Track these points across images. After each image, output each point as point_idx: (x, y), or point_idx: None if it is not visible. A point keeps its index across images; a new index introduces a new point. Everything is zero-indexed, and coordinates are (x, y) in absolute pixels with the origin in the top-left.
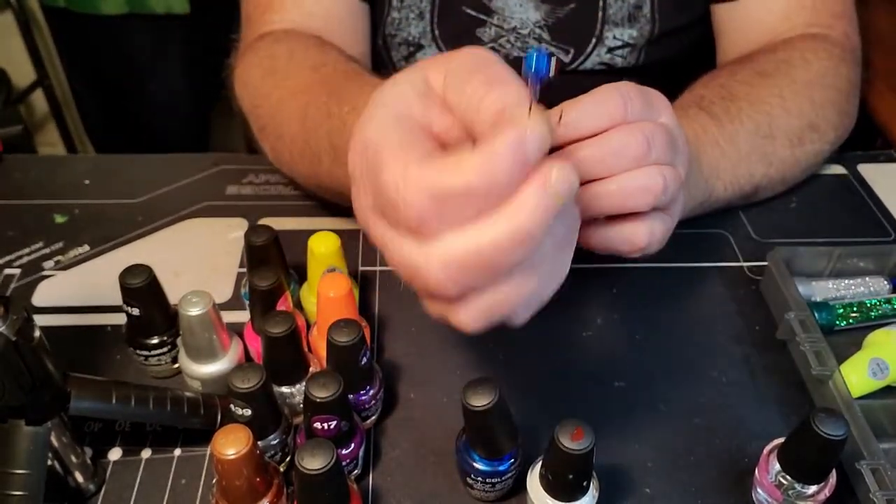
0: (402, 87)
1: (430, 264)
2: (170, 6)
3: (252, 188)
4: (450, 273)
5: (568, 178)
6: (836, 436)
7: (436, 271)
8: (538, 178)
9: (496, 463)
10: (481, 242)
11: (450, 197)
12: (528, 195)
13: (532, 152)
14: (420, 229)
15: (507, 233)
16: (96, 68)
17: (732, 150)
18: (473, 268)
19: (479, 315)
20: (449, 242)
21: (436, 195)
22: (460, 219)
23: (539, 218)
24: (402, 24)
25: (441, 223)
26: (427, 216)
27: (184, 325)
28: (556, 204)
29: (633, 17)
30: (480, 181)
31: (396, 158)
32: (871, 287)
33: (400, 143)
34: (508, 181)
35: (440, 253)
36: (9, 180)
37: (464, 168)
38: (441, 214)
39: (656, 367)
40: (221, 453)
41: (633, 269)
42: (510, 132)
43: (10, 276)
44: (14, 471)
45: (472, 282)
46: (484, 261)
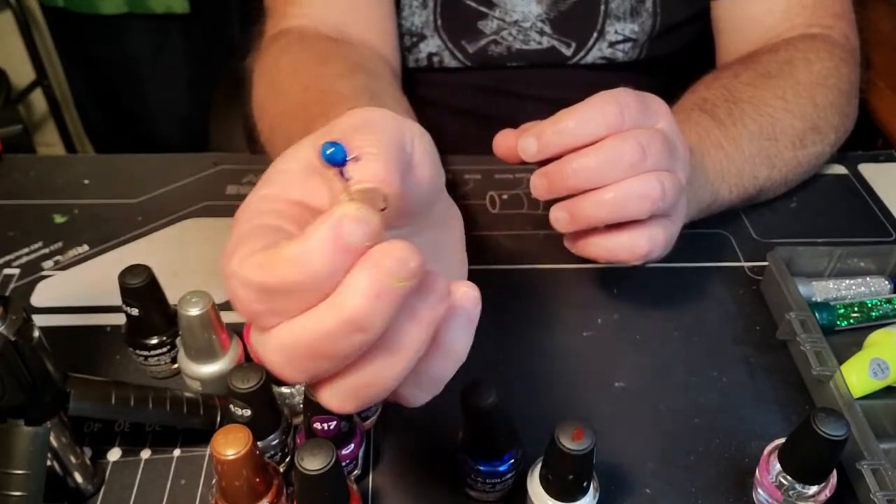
0: (289, 162)
1: (270, 355)
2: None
3: (252, 188)
4: (289, 362)
5: (401, 259)
6: (837, 436)
7: (276, 360)
8: (365, 261)
9: (496, 463)
10: (311, 333)
11: (270, 293)
12: (356, 281)
13: (352, 235)
14: (256, 321)
15: (336, 322)
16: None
17: (736, 153)
18: (310, 357)
19: (343, 399)
20: (281, 333)
21: (259, 291)
22: (292, 310)
23: (368, 302)
24: (406, 14)
25: (273, 315)
26: (255, 310)
27: (183, 325)
28: (396, 287)
29: (636, 12)
30: (297, 275)
31: (226, 254)
32: (872, 287)
33: (242, 233)
34: (330, 271)
35: (276, 345)
36: (8, 180)
37: (276, 264)
38: (269, 308)
39: (656, 367)
40: (221, 454)
41: (633, 269)
42: (326, 222)
43: (9, 276)
44: (13, 471)
45: (316, 371)
46: (319, 351)
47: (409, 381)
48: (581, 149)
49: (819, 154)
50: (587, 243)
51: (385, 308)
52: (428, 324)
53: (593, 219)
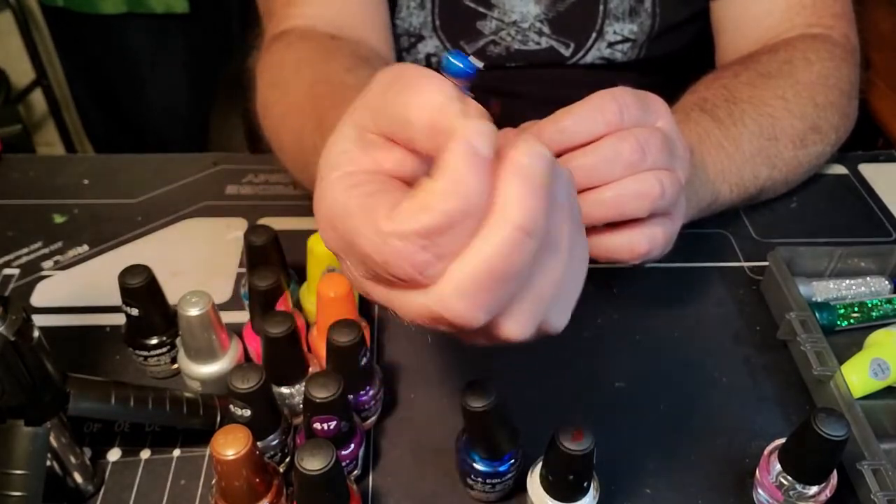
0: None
1: (449, 303)
2: (169, 5)
3: (252, 188)
4: (473, 300)
5: (537, 153)
6: (837, 436)
7: (458, 306)
8: (511, 167)
9: (496, 463)
10: (489, 254)
11: (435, 234)
12: (510, 188)
13: (483, 148)
14: (422, 277)
15: (507, 236)
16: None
17: (737, 153)
18: (494, 282)
19: (526, 319)
20: (459, 272)
21: (420, 238)
22: (456, 246)
23: (532, 202)
24: (404, 14)
25: (440, 260)
26: (422, 260)
27: (183, 325)
28: (542, 183)
29: (634, 12)
30: (455, 205)
31: (364, 222)
32: (873, 287)
33: (361, 205)
34: (480, 189)
35: (454, 286)
36: (8, 180)
37: (434, 200)
38: (436, 253)
39: (656, 367)
40: (221, 454)
41: (633, 269)
42: (457, 145)
43: (9, 276)
44: (13, 471)
45: (500, 296)
46: (501, 270)
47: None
48: (580, 147)
49: (819, 154)
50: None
51: (542, 204)
52: (570, 211)
53: (592, 217)
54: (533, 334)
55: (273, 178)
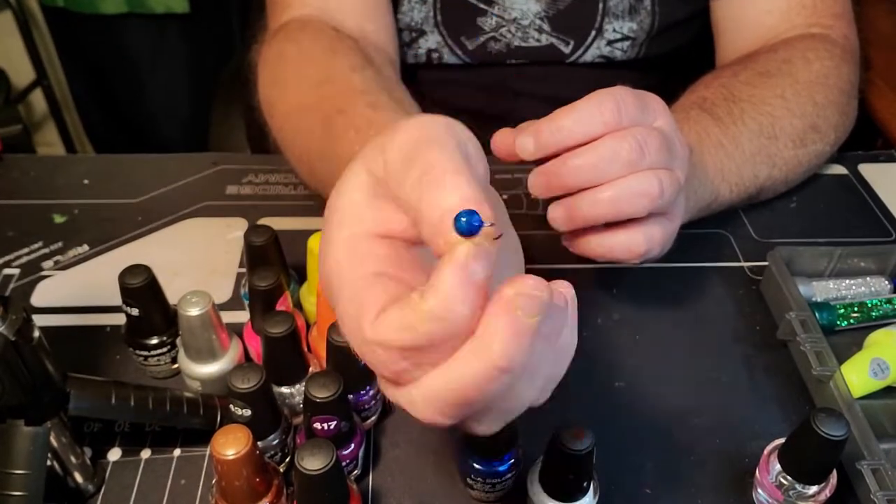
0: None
1: (416, 406)
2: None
3: (252, 188)
4: (438, 411)
5: (531, 296)
6: (837, 436)
7: (423, 413)
8: (501, 305)
9: (496, 463)
10: (458, 383)
11: (415, 351)
12: (496, 326)
13: (478, 274)
14: (396, 378)
15: (483, 367)
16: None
17: (737, 152)
18: (460, 405)
19: (491, 426)
20: (429, 386)
21: (399, 351)
22: (433, 360)
23: (513, 346)
24: (406, 9)
25: (417, 368)
26: (397, 369)
27: (183, 325)
28: (530, 324)
29: (634, 10)
30: (440, 329)
31: (352, 315)
32: (872, 287)
33: (352, 295)
34: (467, 317)
35: (423, 396)
36: (8, 180)
37: (417, 323)
38: (412, 364)
39: (656, 367)
40: (221, 454)
41: (632, 269)
42: (453, 270)
43: (9, 276)
44: (13, 471)
45: (465, 413)
46: (468, 397)
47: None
48: (579, 147)
49: (819, 153)
50: (585, 242)
51: (526, 345)
52: (555, 340)
53: (591, 217)
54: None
55: (273, 178)
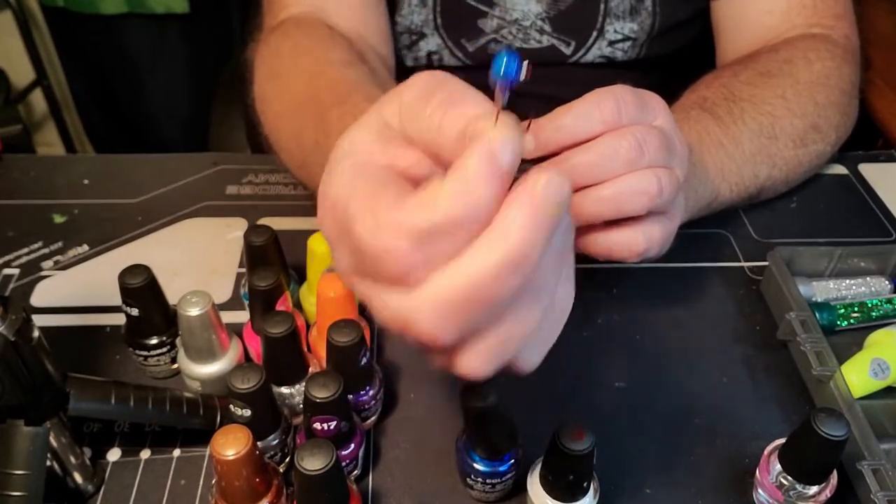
0: (360, 133)
1: (422, 312)
2: (169, 6)
3: (251, 188)
4: (445, 316)
5: (557, 185)
6: (837, 436)
7: (429, 318)
8: (524, 191)
9: (496, 463)
10: (474, 274)
11: (431, 235)
12: (516, 211)
13: (505, 159)
14: (406, 277)
15: (500, 258)
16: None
17: (737, 152)
18: (470, 305)
19: (486, 358)
20: (439, 283)
21: (416, 236)
22: (447, 255)
23: (532, 235)
24: (405, 12)
25: (427, 265)
26: (411, 261)
27: (183, 325)
28: (550, 216)
29: (635, 11)
30: (460, 209)
31: (366, 209)
32: (873, 287)
33: (367, 192)
34: (493, 198)
35: (431, 297)
36: (8, 180)
37: (440, 199)
38: (425, 256)
39: (656, 367)
40: (221, 454)
41: (633, 269)
42: (479, 147)
43: (8, 276)
44: (13, 471)
45: (471, 321)
46: (480, 294)
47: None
48: (578, 145)
49: (820, 153)
50: (584, 240)
51: (544, 238)
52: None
53: (590, 215)
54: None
55: (273, 178)
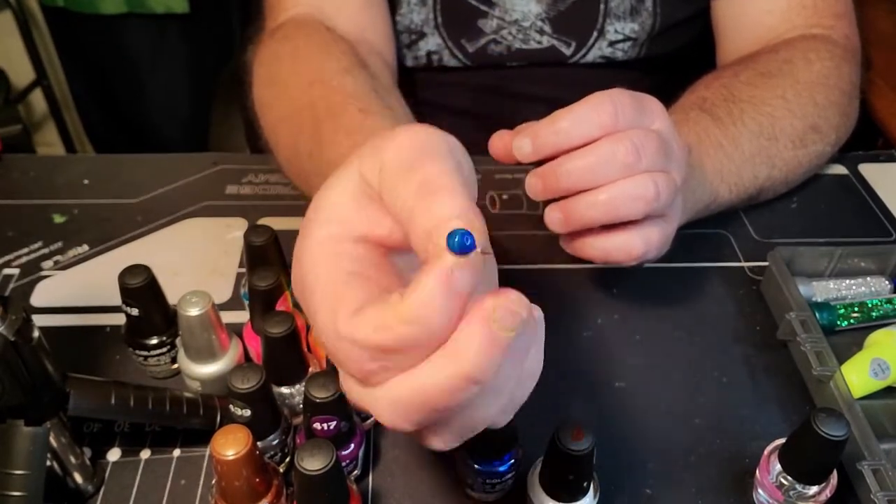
0: (338, 195)
1: (378, 407)
2: (169, 6)
3: (251, 188)
4: (400, 416)
5: (511, 311)
6: (837, 436)
7: (386, 414)
8: (477, 314)
9: (496, 464)
10: (426, 388)
11: (385, 352)
12: (471, 337)
13: (462, 283)
14: (369, 382)
15: (452, 377)
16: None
17: (736, 153)
18: (424, 411)
19: (449, 440)
20: (394, 388)
21: (370, 351)
22: (403, 365)
23: (485, 358)
24: (405, 11)
25: (386, 372)
26: (368, 370)
27: (183, 325)
28: (504, 338)
29: (635, 11)
30: (414, 334)
31: (327, 309)
32: (873, 287)
33: (331, 291)
34: (444, 325)
35: (387, 398)
36: (8, 180)
37: (393, 324)
38: (384, 365)
39: (656, 367)
40: (221, 454)
41: (633, 269)
42: (436, 271)
43: (8, 276)
44: (13, 471)
45: (427, 421)
46: (434, 405)
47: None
48: (575, 150)
49: (820, 154)
50: (582, 244)
51: (498, 358)
52: (523, 358)
53: (587, 219)
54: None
55: (273, 178)
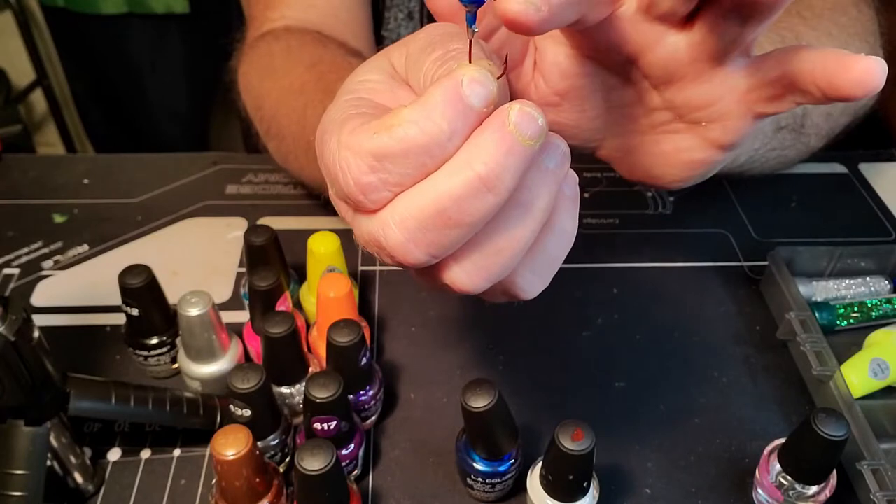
0: (370, 73)
1: (387, 231)
2: (169, 6)
3: (251, 187)
4: (411, 236)
5: (527, 114)
6: (837, 436)
7: (394, 239)
8: (494, 118)
9: (496, 463)
10: (438, 196)
11: (385, 157)
12: (484, 136)
13: (473, 96)
14: (366, 199)
15: (465, 180)
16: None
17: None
18: (437, 226)
19: (474, 273)
20: (402, 204)
21: (370, 157)
22: (409, 179)
23: (500, 160)
24: (392, 27)
25: (386, 186)
26: (367, 183)
27: (183, 325)
28: (524, 146)
29: None
30: (415, 134)
31: (333, 132)
32: (872, 287)
33: (341, 118)
34: (451, 131)
35: (395, 217)
36: (8, 180)
37: (396, 122)
38: (384, 178)
39: (656, 367)
40: (221, 454)
41: (633, 269)
42: (443, 80)
43: (9, 276)
44: (13, 471)
45: (443, 240)
46: (446, 216)
47: (525, 263)
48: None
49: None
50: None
51: (515, 165)
52: (556, 181)
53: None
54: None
55: (273, 178)
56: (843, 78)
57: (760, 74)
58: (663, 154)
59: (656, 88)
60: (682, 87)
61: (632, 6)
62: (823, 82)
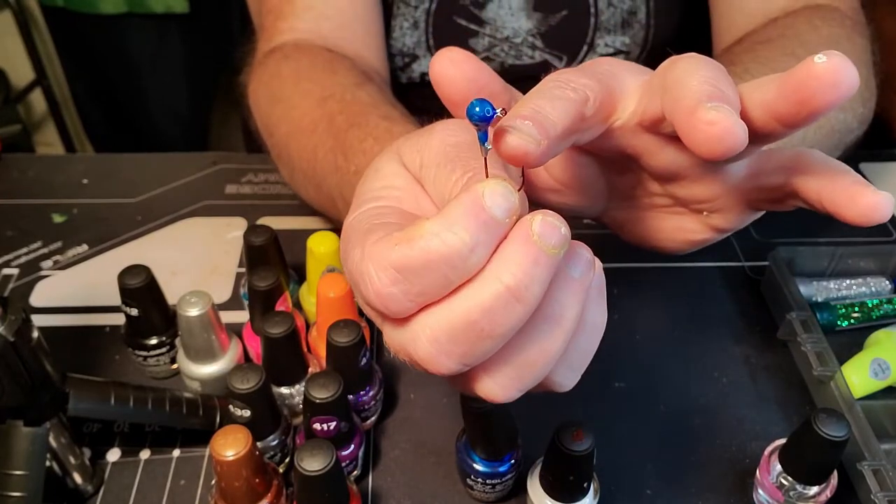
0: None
1: (417, 345)
2: (169, 6)
3: (251, 187)
4: (442, 349)
5: (552, 225)
6: (838, 436)
7: (426, 350)
8: (518, 230)
9: (496, 464)
10: (468, 308)
11: (407, 270)
12: (510, 248)
13: (495, 208)
14: (388, 311)
15: (494, 292)
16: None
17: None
18: (468, 338)
19: (507, 384)
20: (433, 317)
21: (395, 269)
22: (432, 290)
23: (527, 271)
24: (397, 35)
25: (408, 298)
26: (388, 295)
27: (183, 325)
28: (549, 255)
29: (627, 24)
30: (439, 244)
31: (357, 243)
32: (873, 287)
33: (365, 228)
34: (473, 244)
35: (426, 331)
36: (7, 180)
37: (418, 235)
38: (405, 289)
39: (656, 368)
40: (220, 454)
41: (633, 268)
42: (464, 194)
43: (8, 276)
44: (12, 472)
45: (473, 354)
46: (477, 328)
47: (559, 362)
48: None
49: (844, 123)
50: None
51: (542, 274)
52: (583, 290)
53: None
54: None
55: (273, 178)
56: (849, 210)
57: (763, 178)
58: (664, 230)
59: (657, 182)
60: (684, 185)
61: (630, 118)
62: (829, 206)
